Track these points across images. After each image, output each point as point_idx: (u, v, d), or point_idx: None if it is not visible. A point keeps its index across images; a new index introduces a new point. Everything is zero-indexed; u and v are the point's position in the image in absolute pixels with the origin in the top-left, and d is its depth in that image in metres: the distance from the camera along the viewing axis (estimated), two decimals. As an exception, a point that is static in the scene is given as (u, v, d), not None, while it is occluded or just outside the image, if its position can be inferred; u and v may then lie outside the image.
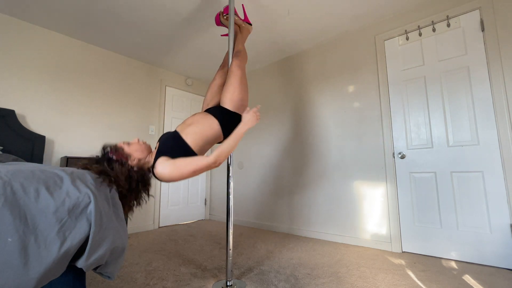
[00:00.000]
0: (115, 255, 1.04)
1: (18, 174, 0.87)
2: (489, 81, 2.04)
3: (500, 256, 1.90)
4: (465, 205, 2.07)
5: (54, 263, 0.81)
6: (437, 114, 2.26)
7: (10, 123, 2.34)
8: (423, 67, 2.35)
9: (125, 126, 3.29)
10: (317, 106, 3.04)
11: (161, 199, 3.58)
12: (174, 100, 3.91)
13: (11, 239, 0.75)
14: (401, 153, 2.39)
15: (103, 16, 2.53)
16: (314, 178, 2.96)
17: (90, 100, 3.00)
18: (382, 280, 1.71)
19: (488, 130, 2.02)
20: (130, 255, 2.28)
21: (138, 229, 3.25)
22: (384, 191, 2.46)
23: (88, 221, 0.93)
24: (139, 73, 3.50)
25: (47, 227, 0.83)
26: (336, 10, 2.47)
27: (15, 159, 1.85)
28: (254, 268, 1.94)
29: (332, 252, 2.33)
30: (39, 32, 2.68)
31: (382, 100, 2.54)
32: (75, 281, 1.04)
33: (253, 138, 3.70)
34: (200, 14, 2.51)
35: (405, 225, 2.32)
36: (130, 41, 3.00)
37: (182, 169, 1.22)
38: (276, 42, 3.06)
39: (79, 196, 0.94)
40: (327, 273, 1.84)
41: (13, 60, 2.50)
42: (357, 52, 2.77)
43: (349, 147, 2.73)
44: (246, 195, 3.67)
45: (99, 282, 1.70)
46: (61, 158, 2.68)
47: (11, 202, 0.79)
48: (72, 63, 2.90)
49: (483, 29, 2.09)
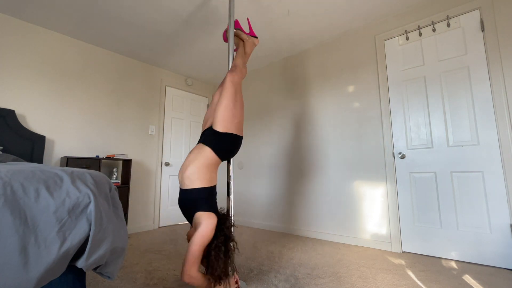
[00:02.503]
0: (115, 255, 1.04)
1: (18, 174, 0.87)
2: (489, 81, 2.04)
3: (500, 256, 1.90)
4: (465, 205, 2.07)
5: (54, 263, 0.81)
6: (437, 114, 2.25)
7: (10, 123, 2.34)
8: (423, 67, 2.35)
9: (125, 126, 3.29)
10: (317, 106, 3.04)
11: (161, 199, 3.58)
12: (174, 100, 3.91)
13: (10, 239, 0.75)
14: (401, 153, 2.39)
15: (103, 16, 2.53)
16: (314, 178, 2.96)
17: (90, 100, 3.01)
18: (382, 280, 1.71)
19: (488, 130, 2.01)
20: (130, 255, 2.28)
21: (138, 229, 3.25)
22: (384, 191, 2.46)
23: (88, 221, 0.93)
24: (139, 73, 3.51)
25: (47, 227, 0.83)
26: (336, 10, 2.47)
27: (15, 159, 1.85)
28: (254, 268, 1.94)
29: (332, 252, 2.33)
30: (39, 32, 2.68)
31: (382, 100, 2.54)
32: (75, 281, 1.04)
33: (253, 138, 3.70)
34: (200, 14, 2.51)
35: (405, 225, 2.32)
36: (130, 41, 3.00)
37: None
38: (276, 42, 3.06)
39: (79, 196, 0.94)
40: (327, 273, 1.84)
41: (13, 60, 2.50)
42: (357, 52, 2.77)
43: (349, 147, 2.73)
44: (246, 195, 3.67)
45: (99, 282, 1.70)
46: (61, 158, 2.68)
47: (11, 202, 0.79)
48: (72, 63, 2.90)
49: (483, 29, 2.09)
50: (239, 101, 1.61)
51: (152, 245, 2.59)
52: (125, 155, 3.19)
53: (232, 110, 1.55)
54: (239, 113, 1.59)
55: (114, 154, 3.12)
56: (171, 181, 3.73)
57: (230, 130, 1.53)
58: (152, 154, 3.53)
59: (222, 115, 1.54)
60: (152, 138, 3.56)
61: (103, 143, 3.07)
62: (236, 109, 1.57)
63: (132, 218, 3.21)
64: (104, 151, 3.07)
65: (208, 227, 1.38)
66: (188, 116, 4.07)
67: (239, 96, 1.62)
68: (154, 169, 3.52)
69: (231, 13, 1.87)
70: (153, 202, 3.47)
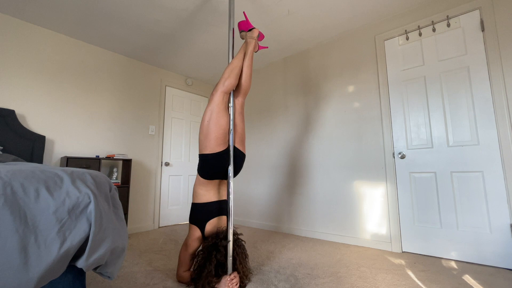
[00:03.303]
0: (115, 255, 1.04)
1: (18, 174, 0.87)
2: (489, 81, 2.04)
3: (500, 256, 1.90)
4: (465, 205, 2.07)
5: (54, 263, 0.81)
6: (437, 114, 2.26)
7: (10, 123, 2.34)
8: (423, 67, 2.35)
9: (125, 126, 3.29)
10: (317, 106, 3.03)
11: (161, 199, 3.58)
12: (174, 100, 3.91)
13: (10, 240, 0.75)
14: (401, 153, 2.39)
15: (103, 16, 2.53)
16: (314, 178, 2.96)
17: (90, 100, 3.01)
18: (382, 280, 1.71)
19: (488, 130, 2.02)
20: (130, 255, 2.28)
21: (138, 229, 3.25)
22: (384, 191, 2.46)
23: (88, 221, 0.93)
24: (139, 73, 3.51)
25: (47, 227, 0.83)
26: (336, 10, 2.47)
27: (15, 159, 1.85)
28: (254, 268, 1.94)
29: (332, 252, 2.33)
30: (39, 32, 2.68)
31: (382, 100, 2.54)
32: (75, 281, 1.04)
33: (252, 138, 3.70)
34: (200, 14, 2.51)
35: (405, 225, 2.32)
36: (130, 41, 3.00)
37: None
38: (276, 42, 3.06)
39: (79, 196, 0.94)
40: (327, 273, 1.84)
41: (13, 60, 2.50)
42: (357, 52, 2.77)
43: (349, 147, 2.73)
44: (246, 195, 3.67)
45: (99, 282, 1.70)
46: (61, 158, 2.68)
47: (11, 202, 0.79)
48: (72, 63, 2.90)
49: (483, 29, 2.09)
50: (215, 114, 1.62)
51: (152, 245, 2.59)
52: (125, 155, 3.19)
53: (205, 130, 1.62)
54: (213, 128, 1.60)
55: (114, 154, 3.12)
56: (171, 181, 3.73)
57: (203, 151, 1.64)
58: (152, 154, 3.53)
59: (198, 137, 1.70)
60: (152, 138, 3.56)
61: (103, 143, 3.07)
62: (210, 125, 1.61)
63: (132, 218, 3.21)
64: (104, 151, 3.07)
65: (190, 237, 1.64)
66: (188, 116, 4.07)
67: (216, 108, 1.62)
68: (154, 169, 3.53)
69: (231, 13, 1.87)
70: (153, 202, 3.47)
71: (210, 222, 1.65)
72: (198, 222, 1.65)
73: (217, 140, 1.61)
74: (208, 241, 1.58)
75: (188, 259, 1.64)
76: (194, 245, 1.64)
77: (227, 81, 1.67)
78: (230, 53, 1.82)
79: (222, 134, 1.63)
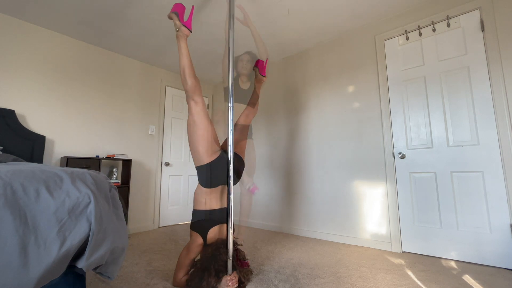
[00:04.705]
0: (115, 255, 1.04)
1: (18, 174, 0.87)
2: (489, 81, 2.04)
3: (500, 256, 1.90)
4: (465, 205, 2.07)
5: (54, 263, 0.81)
6: (437, 114, 2.25)
7: (10, 123, 2.34)
8: (423, 67, 2.35)
9: (125, 126, 3.29)
10: (317, 106, 3.03)
11: (161, 199, 3.58)
12: (174, 100, 3.91)
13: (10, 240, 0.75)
14: (401, 153, 2.39)
15: (103, 16, 2.53)
16: (314, 178, 2.96)
17: (90, 100, 3.00)
18: (382, 280, 1.71)
19: (488, 130, 2.01)
20: (130, 255, 2.28)
21: (138, 229, 3.25)
22: (384, 191, 2.46)
23: (88, 221, 0.93)
24: (139, 73, 3.50)
25: (47, 227, 0.83)
26: (336, 10, 2.47)
27: (15, 159, 1.85)
28: (254, 268, 1.94)
29: (332, 252, 2.33)
30: (39, 32, 2.68)
31: (382, 100, 2.54)
32: (75, 281, 1.04)
33: (252, 138, 3.70)
34: (199, 14, 2.51)
35: (405, 225, 2.32)
36: (130, 41, 2.99)
37: None
38: (276, 42, 3.06)
39: (79, 196, 0.94)
40: (327, 273, 1.84)
41: (13, 60, 2.50)
42: (357, 52, 2.77)
43: (349, 147, 2.73)
44: (246, 195, 3.67)
45: (99, 282, 1.70)
46: (61, 158, 2.68)
47: (11, 202, 0.79)
48: (72, 63, 2.90)
49: (483, 29, 2.09)
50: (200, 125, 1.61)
51: (152, 245, 2.59)
52: (125, 155, 3.19)
53: (194, 144, 1.63)
54: (200, 141, 1.61)
55: (114, 154, 3.12)
56: (171, 181, 3.73)
57: (198, 163, 1.66)
58: (152, 154, 3.53)
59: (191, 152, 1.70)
60: (152, 138, 3.56)
61: (103, 143, 3.07)
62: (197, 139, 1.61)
63: (132, 218, 3.21)
64: (104, 151, 3.07)
65: (192, 243, 1.65)
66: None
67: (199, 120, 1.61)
68: (154, 169, 3.52)
69: (231, 13, 1.87)
70: (153, 202, 3.47)
71: (212, 230, 1.64)
72: (200, 230, 1.65)
73: (208, 151, 1.63)
74: (208, 252, 1.58)
75: (188, 264, 1.64)
76: (196, 251, 1.65)
77: (187, 86, 1.65)
78: (230, 53, 1.82)
79: (212, 140, 1.66)
